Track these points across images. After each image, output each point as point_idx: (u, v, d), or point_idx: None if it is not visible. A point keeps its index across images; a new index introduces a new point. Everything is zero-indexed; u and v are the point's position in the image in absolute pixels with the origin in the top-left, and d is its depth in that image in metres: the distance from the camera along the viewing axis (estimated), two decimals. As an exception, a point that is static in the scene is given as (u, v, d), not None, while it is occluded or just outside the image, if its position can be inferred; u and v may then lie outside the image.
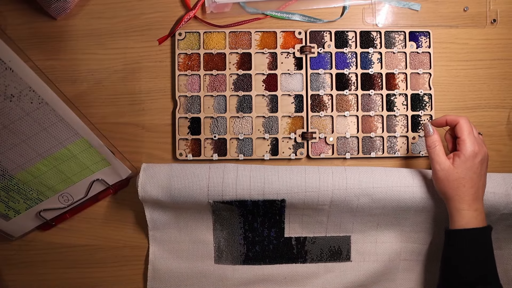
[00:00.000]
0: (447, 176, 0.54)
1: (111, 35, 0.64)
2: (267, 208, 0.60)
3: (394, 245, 0.64)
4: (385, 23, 0.66)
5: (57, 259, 0.64)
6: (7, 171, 0.55)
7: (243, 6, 0.65)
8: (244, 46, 0.65)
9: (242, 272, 0.64)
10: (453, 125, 0.56)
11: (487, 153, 0.55)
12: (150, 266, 0.63)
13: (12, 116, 0.50)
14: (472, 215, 0.53)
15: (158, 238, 0.63)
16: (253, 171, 0.59)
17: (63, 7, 0.62)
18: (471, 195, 0.53)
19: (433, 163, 0.55)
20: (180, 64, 0.64)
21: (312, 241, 0.64)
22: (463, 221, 0.53)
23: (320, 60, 0.65)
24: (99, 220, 0.65)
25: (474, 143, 0.54)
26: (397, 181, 0.59)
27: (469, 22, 0.67)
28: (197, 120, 0.64)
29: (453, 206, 0.54)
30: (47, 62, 0.64)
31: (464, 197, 0.53)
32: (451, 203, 0.55)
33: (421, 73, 0.66)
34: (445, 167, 0.54)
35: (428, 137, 0.56)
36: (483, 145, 0.55)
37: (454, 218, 0.54)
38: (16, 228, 0.61)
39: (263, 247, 0.64)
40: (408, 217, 0.62)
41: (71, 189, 0.61)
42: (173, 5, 0.65)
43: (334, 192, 0.58)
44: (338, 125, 0.65)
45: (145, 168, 0.59)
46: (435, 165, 0.55)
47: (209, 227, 0.64)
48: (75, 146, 0.56)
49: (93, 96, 0.64)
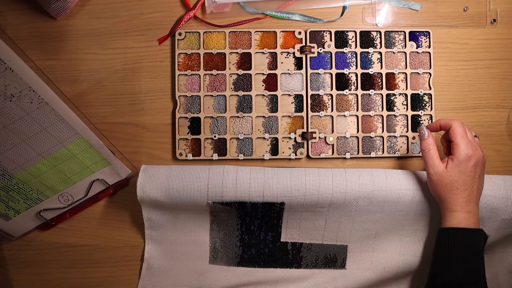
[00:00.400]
0: (441, 179, 0.54)
1: (111, 35, 0.64)
2: (266, 211, 0.60)
3: (390, 256, 0.63)
4: (385, 23, 0.66)
5: (57, 259, 0.64)
6: (7, 171, 0.55)
7: (243, 6, 0.65)
8: (244, 46, 0.65)
9: (236, 273, 0.63)
10: (447, 129, 0.56)
11: (482, 156, 0.55)
12: (145, 265, 0.63)
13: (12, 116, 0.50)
14: (464, 216, 0.53)
15: (154, 237, 0.63)
16: (253, 173, 0.59)
17: (63, 7, 0.62)
18: (464, 198, 0.54)
19: (427, 166, 0.56)
20: (180, 64, 0.64)
21: (308, 247, 0.64)
22: (454, 220, 0.54)
23: (320, 60, 0.65)
24: (99, 220, 0.65)
25: (468, 146, 0.54)
26: (396, 184, 0.59)
27: (469, 22, 0.67)
28: (197, 120, 0.64)
29: (446, 208, 0.55)
30: (47, 62, 0.64)
31: (457, 199, 0.54)
32: (444, 205, 0.55)
33: (421, 73, 0.66)
34: (438, 171, 0.54)
35: (423, 141, 0.57)
36: (478, 148, 0.55)
37: (446, 218, 0.55)
38: (16, 228, 0.61)
39: (259, 250, 0.64)
40: (407, 223, 0.62)
41: (71, 189, 0.61)
42: (173, 5, 0.65)
43: (334, 195, 0.58)
44: (338, 125, 0.65)
45: (144, 169, 0.59)
46: (429, 168, 0.55)
47: (206, 228, 0.64)
48: (75, 146, 0.56)
49: (93, 96, 0.64)
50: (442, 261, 0.54)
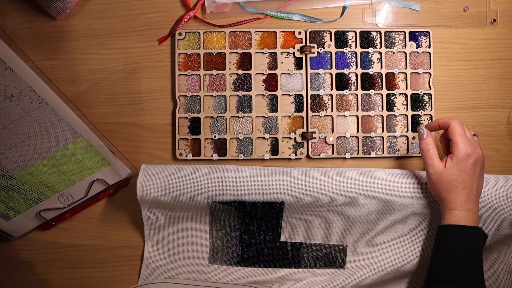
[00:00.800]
0: (440, 178, 0.54)
1: (111, 35, 0.64)
2: (266, 210, 0.60)
3: (390, 256, 0.63)
4: (385, 23, 0.66)
5: (57, 259, 0.64)
6: (7, 171, 0.55)
7: (243, 6, 0.65)
8: (244, 46, 0.65)
9: (236, 273, 0.63)
10: (446, 128, 0.56)
11: (481, 155, 0.55)
12: (144, 264, 0.63)
13: (12, 116, 0.50)
14: (464, 214, 0.53)
15: (154, 237, 0.63)
16: (253, 172, 0.59)
17: (63, 7, 0.62)
18: (463, 196, 0.54)
19: (427, 166, 0.56)
20: (180, 64, 0.64)
21: (308, 247, 0.64)
22: (453, 218, 0.54)
23: (320, 60, 0.65)
24: (99, 220, 0.65)
25: (467, 145, 0.54)
26: (396, 183, 0.59)
27: (469, 22, 0.67)
28: (197, 120, 0.64)
29: (446, 206, 0.55)
30: (47, 62, 0.64)
31: (457, 198, 0.54)
32: (444, 203, 0.55)
33: (421, 73, 0.66)
34: (438, 170, 0.54)
35: (422, 140, 0.57)
36: (477, 147, 0.55)
37: (445, 216, 0.55)
38: (16, 228, 0.61)
39: (258, 250, 0.64)
40: (406, 223, 0.62)
41: (71, 189, 0.61)
42: (173, 5, 0.65)
43: (334, 194, 0.58)
44: (338, 125, 0.65)
45: (144, 168, 0.59)
46: (429, 168, 0.55)
47: (205, 228, 0.64)
48: (75, 146, 0.56)
49: (93, 96, 0.64)
50: (440, 259, 0.54)
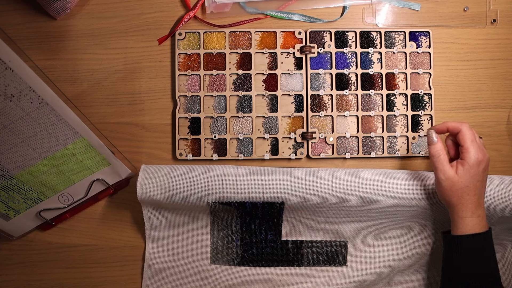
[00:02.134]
0: (451, 185, 0.53)
1: (111, 35, 0.64)
2: (266, 210, 0.60)
3: (391, 250, 0.64)
4: (385, 23, 0.66)
5: (57, 259, 0.64)
6: (7, 171, 0.55)
7: (243, 6, 0.65)
8: (244, 46, 0.65)
9: (238, 273, 0.64)
10: (455, 133, 0.55)
11: (488, 159, 0.54)
12: (146, 265, 0.63)
13: (12, 116, 0.50)
14: (475, 221, 0.53)
15: (155, 237, 0.63)
16: (253, 173, 0.59)
17: (63, 7, 0.62)
18: (474, 202, 0.53)
19: (437, 172, 0.54)
20: (180, 64, 0.64)
21: (309, 245, 0.64)
22: (466, 228, 0.53)
23: (320, 60, 0.65)
24: (99, 220, 0.65)
25: (478, 151, 0.53)
26: (396, 184, 0.59)
27: (469, 22, 0.67)
28: (197, 120, 0.64)
29: (456, 214, 0.54)
30: (47, 62, 0.64)
31: (468, 204, 0.53)
32: (454, 210, 0.54)
33: (421, 73, 0.66)
34: (449, 176, 0.53)
35: (432, 146, 0.55)
36: (485, 151, 0.54)
37: (458, 226, 0.54)
38: (16, 228, 0.61)
39: (260, 249, 0.64)
40: (406, 220, 0.62)
41: (71, 189, 0.61)
42: (173, 5, 0.65)
43: (334, 195, 0.58)
44: (338, 125, 0.65)
45: (144, 169, 0.59)
46: (439, 174, 0.54)
47: (206, 228, 0.64)
48: (75, 146, 0.56)
49: (93, 96, 0.64)
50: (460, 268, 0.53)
